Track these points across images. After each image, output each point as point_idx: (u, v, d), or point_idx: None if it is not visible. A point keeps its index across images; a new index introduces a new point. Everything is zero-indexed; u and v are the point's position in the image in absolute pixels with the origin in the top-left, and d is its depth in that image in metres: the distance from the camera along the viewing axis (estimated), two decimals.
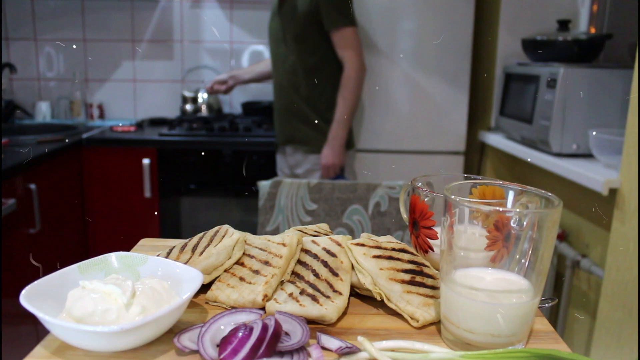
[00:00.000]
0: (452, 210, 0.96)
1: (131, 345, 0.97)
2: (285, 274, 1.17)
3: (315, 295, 1.11)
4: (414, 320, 1.09)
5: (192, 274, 1.09)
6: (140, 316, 0.97)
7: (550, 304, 1.21)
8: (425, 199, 1.24)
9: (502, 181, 1.11)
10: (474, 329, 0.98)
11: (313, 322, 1.08)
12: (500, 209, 0.96)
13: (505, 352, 0.93)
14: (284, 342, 0.95)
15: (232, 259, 1.20)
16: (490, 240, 0.96)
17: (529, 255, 0.96)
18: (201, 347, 0.94)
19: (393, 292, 1.11)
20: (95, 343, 0.94)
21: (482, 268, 1.01)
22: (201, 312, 1.14)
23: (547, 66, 3.34)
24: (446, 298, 1.01)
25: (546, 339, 1.07)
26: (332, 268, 1.17)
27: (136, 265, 1.15)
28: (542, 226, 0.94)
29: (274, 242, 1.22)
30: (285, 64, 3.72)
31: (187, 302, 1.01)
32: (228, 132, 4.35)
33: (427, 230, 1.25)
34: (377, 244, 1.19)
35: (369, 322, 1.12)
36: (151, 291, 1.01)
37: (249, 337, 0.92)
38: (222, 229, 1.26)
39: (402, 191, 1.38)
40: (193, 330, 1.00)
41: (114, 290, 0.98)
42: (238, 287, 1.15)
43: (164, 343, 1.00)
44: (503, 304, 0.97)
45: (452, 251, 0.99)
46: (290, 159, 3.84)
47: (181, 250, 1.24)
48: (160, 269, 1.14)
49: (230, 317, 1.02)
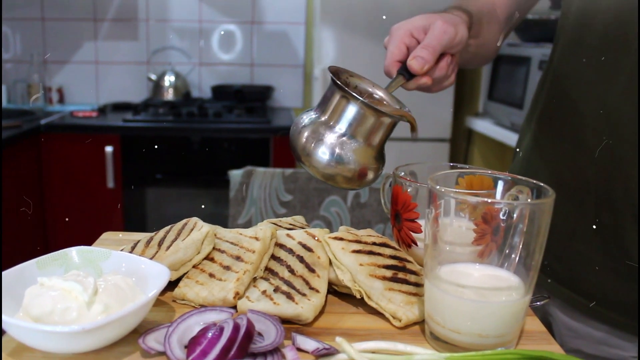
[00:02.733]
0: (437, 202, 0.96)
1: (93, 347, 0.96)
2: (258, 270, 1.17)
3: (291, 293, 1.11)
4: (396, 319, 1.09)
5: (159, 270, 1.08)
6: (102, 315, 0.96)
7: (542, 302, 1.21)
8: (408, 190, 1.24)
9: (491, 170, 1.11)
10: (461, 329, 0.98)
11: (288, 321, 1.08)
12: (488, 200, 0.96)
13: (494, 354, 0.93)
14: (256, 343, 0.95)
15: (201, 254, 1.19)
16: (478, 233, 0.96)
17: (520, 249, 0.96)
18: (168, 349, 0.94)
19: (374, 289, 1.11)
20: (55, 344, 0.94)
21: (469, 264, 1.01)
22: (168, 311, 1.13)
23: (539, 47, 3.34)
24: (431, 296, 1.01)
25: (538, 339, 1.07)
26: (308, 264, 1.17)
27: (98, 260, 1.15)
28: (533, 218, 0.94)
29: (246, 236, 1.21)
30: None
31: (153, 300, 1.00)
32: (197, 117, 4.33)
33: (410, 223, 1.24)
34: (356, 238, 1.19)
35: (348, 321, 1.12)
36: (114, 288, 1.01)
37: (219, 338, 0.91)
38: (191, 221, 1.26)
39: (384, 181, 1.38)
40: (159, 331, 1.00)
41: (74, 287, 0.97)
42: (208, 284, 1.14)
43: (128, 344, 0.99)
44: (491, 302, 0.97)
45: (437, 246, 0.99)
46: None
47: (147, 245, 1.23)
48: (124, 265, 1.13)
49: (199, 317, 1.02)
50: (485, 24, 1.49)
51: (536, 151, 1.49)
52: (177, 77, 4.88)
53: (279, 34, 5.09)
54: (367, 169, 1.22)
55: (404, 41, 1.31)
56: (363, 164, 1.20)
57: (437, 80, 1.36)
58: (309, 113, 1.26)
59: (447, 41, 1.30)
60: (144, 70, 5.06)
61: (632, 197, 1.23)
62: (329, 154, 1.19)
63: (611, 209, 1.28)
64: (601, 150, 1.27)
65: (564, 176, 1.37)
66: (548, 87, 1.47)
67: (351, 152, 1.19)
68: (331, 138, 1.19)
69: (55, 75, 5.03)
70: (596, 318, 1.36)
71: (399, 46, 1.31)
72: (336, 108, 1.20)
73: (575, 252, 1.37)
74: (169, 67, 4.98)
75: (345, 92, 1.18)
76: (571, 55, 1.38)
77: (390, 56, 1.31)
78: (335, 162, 1.19)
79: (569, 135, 1.37)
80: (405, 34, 1.31)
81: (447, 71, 1.37)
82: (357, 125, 1.19)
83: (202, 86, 5.16)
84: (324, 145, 1.19)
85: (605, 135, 1.26)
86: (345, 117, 1.19)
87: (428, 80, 1.32)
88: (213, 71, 5.06)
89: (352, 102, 1.19)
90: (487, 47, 1.57)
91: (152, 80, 4.91)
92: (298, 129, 1.24)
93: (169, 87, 4.88)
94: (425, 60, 1.27)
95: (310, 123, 1.23)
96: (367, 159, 1.21)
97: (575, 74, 1.36)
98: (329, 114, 1.21)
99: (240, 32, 5.07)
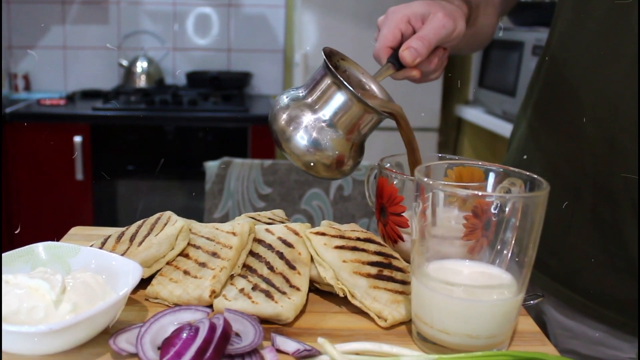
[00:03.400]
0: (425, 195, 0.96)
1: (61, 348, 0.96)
2: (235, 267, 1.16)
3: (270, 291, 1.11)
4: (382, 319, 1.09)
5: (130, 267, 1.08)
6: (71, 315, 0.96)
7: (535, 300, 1.21)
8: (395, 182, 1.24)
9: (482, 161, 1.11)
10: (449, 329, 0.98)
11: (267, 321, 1.08)
12: (479, 193, 0.97)
13: (485, 355, 0.93)
14: (234, 344, 0.95)
15: (175, 249, 1.19)
16: (468, 228, 0.96)
17: (512, 245, 0.96)
18: (140, 350, 0.93)
19: (358, 287, 1.11)
20: (21, 345, 0.93)
21: (459, 260, 1.01)
22: (140, 310, 1.13)
23: (533, 31, 3.35)
24: (418, 294, 1.01)
25: (531, 340, 1.08)
26: (288, 260, 1.17)
27: (67, 256, 1.14)
28: (526, 212, 0.94)
29: (223, 231, 1.21)
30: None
31: (124, 298, 1.00)
32: (171, 106, 4.33)
33: (396, 218, 1.25)
34: (339, 233, 1.19)
35: (331, 321, 1.12)
36: (83, 286, 1.00)
37: (195, 339, 0.91)
38: (164, 215, 1.25)
39: (368, 173, 1.38)
40: (131, 331, 0.99)
41: (41, 285, 0.97)
42: (182, 281, 1.14)
43: (99, 345, 0.99)
44: (482, 301, 0.97)
45: (425, 241, 0.99)
46: None
47: (118, 240, 1.23)
48: (94, 261, 1.13)
49: (173, 316, 1.01)
50: (482, 11, 1.49)
51: (531, 141, 1.49)
52: (150, 63, 4.87)
53: (258, 18, 5.08)
54: (345, 157, 1.21)
55: (399, 27, 1.30)
56: (341, 152, 1.20)
57: (425, 73, 1.36)
58: (296, 91, 1.25)
59: (444, 36, 1.29)
60: (114, 56, 5.03)
61: (632, 189, 1.23)
62: (308, 139, 1.19)
63: (609, 201, 1.28)
64: (600, 139, 1.27)
65: (560, 167, 1.38)
66: (545, 74, 1.47)
67: (331, 140, 1.19)
68: (314, 123, 1.19)
69: (21, 61, 5.00)
70: (593, 317, 1.37)
71: (394, 31, 1.30)
72: (324, 93, 1.20)
73: (571, 246, 1.37)
74: (141, 52, 4.96)
75: (337, 79, 1.17)
76: (570, 39, 1.38)
77: (382, 40, 1.31)
78: (314, 147, 1.18)
79: (566, 124, 1.37)
80: (402, 19, 1.31)
81: (437, 65, 1.37)
82: (342, 115, 1.19)
83: (177, 72, 5.14)
84: (304, 129, 1.19)
85: (605, 124, 1.27)
86: (331, 104, 1.19)
87: (417, 74, 1.32)
88: (188, 57, 5.05)
89: (343, 91, 1.18)
90: (481, 35, 1.57)
91: (124, 66, 4.90)
92: (280, 108, 1.23)
93: (141, 74, 4.87)
94: (419, 52, 1.27)
95: (294, 101, 1.22)
96: (347, 148, 1.21)
97: (574, 59, 1.36)
98: (315, 97, 1.21)
99: (217, 16, 5.05)
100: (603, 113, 1.27)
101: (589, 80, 1.31)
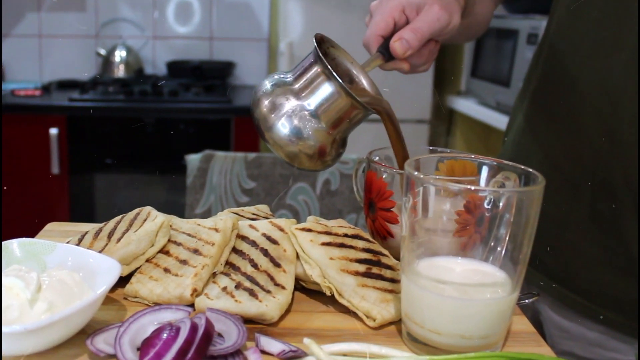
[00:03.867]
0: (415, 189, 0.96)
1: (36, 349, 0.95)
2: (218, 265, 1.16)
3: (254, 290, 1.11)
4: (370, 319, 1.09)
5: (108, 265, 1.07)
6: (46, 314, 0.95)
7: (531, 299, 1.21)
8: (384, 176, 1.24)
9: (474, 154, 1.11)
10: (441, 329, 0.98)
11: (251, 321, 1.08)
12: (471, 188, 0.97)
13: (478, 356, 0.93)
14: (216, 345, 0.95)
15: (155, 246, 1.19)
16: (460, 224, 0.97)
17: (506, 242, 0.96)
18: (119, 351, 0.93)
19: (345, 285, 1.11)
20: None
21: (451, 257, 1.01)
22: (119, 310, 1.13)
23: (528, 19, 3.35)
24: (408, 293, 1.01)
25: (526, 341, 1.08)
26: (273, 258, 1.17)
27: (42, 254, 1.14)
28: (521, 207, 0.94)
29: (205, 227, 1.21)
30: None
31: (102, 297, 1.00)
32: (150, 96, 4.32)
33: (385, 213, 1.25)
34: (326, 229, 1.19)
35: (317, 321, 1.12)
36: (60, 285, 1.00)
37: (175, 339, 0.91)
38: (144, 211, 1.25)
39: (356, 166, 1.38)
40: (109, 331, 0.99)
41: (15, 283, 0.97)
42: (162, 279, 1.14)
43: (75, 346, 0.99)
44: (475, 300, 0.97)
45: (415, 237, 0.99)
46: None
47: (95, 237, 1.23)
48: (71, 259, 1.12)
49: (153, 316, 1.01)
50: (478, 2, 1.49)
51: (528, 133, 1.49)
52: (129, 52, 4.85)
53: (241, 5, 5.07)
54: (327, 147, 1.21)
55: (392, 15, 1.30)
56: (323, 143, 1.20)
57: (414, 65, 1.36)
58: (283, 77, 1.25)
59: (438, 29, 1.29)
60: (92, 45, 5.01)
61: (632, 184, 1.23)
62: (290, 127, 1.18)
63: (609, 197, 1.28)
64: (600, 132, 1.27)
65: (558, 160, 1.38)
66: (542, 63, 1.47)
67: (313, 130, 1.18)
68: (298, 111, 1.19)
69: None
70: (590, 317, 1.37)
71: (386, 19, 1.30)
72: (312, 81, 1.20)
73: (568, 243, 1.37)
74: (119, 41, 4.94)
75: (327, 70, 1.17)
76: (568, 28, 1.38)
77: (374, 27, 1.30)
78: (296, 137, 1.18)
79: (564, 116, 1.37)
80: (396, 7, 1.30)
81: (427, 57, 1.36)
82: (328, 106, 1.18)
83: (157, 62, 5.13)
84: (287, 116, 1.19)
85: (605, 115, 1.27)
86: (318, 94, 1.19)
87: (407, 66, 1.32)
88: (168, 45, 5.04)
89: (331, 81, 1.18)
90: (476, 25, 1.57)
91: (101, 55, 4.88)
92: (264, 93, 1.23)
93: (120, 63, 4.85)
94: (410, 45, 1.26)
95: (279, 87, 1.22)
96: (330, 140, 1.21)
97: (573, 48, 1.36)
98: (302, 84, 1.20)
99: (198, 3, 5.04)
100: (603, 104, 1.27)
101: (589, 69, 1.31)
